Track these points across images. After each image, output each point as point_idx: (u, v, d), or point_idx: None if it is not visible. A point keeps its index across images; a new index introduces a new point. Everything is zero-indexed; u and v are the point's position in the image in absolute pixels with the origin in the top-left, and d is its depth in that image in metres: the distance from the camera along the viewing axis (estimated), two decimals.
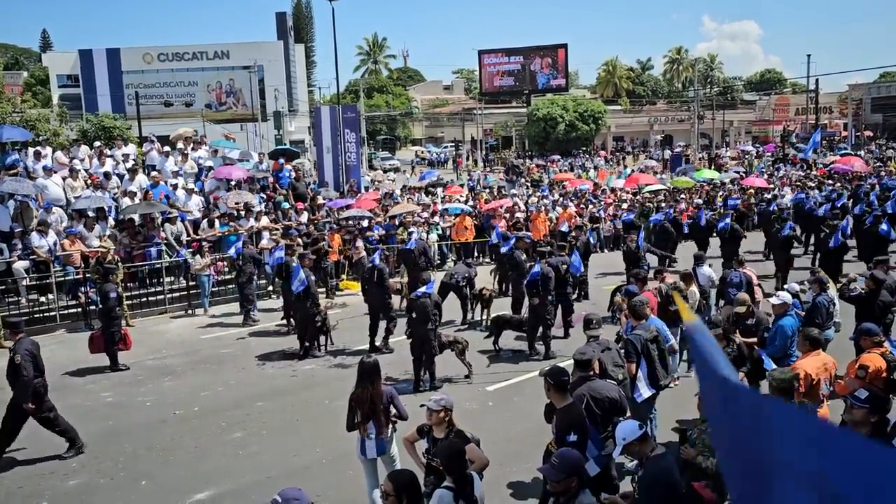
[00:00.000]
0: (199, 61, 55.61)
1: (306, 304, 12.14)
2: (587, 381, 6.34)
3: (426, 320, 10.29)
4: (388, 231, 19.14)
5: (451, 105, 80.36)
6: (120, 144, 21.88)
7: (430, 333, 10.33)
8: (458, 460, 4.68)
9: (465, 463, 4.77)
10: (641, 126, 68.51)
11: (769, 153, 48.72)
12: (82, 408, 10.26)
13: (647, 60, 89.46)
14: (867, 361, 6.87)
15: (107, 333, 11.75)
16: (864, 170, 31.89)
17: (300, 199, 20.03)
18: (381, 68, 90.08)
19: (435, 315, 10.47)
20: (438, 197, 25.71)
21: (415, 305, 10.53)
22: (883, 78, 68.68)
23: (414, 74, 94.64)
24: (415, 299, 10.57)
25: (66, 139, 30.09)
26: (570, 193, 26.41)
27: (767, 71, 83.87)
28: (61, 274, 14.60)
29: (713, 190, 28.29)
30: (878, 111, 61.74)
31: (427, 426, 5.63)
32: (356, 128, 27.54)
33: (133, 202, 16.89)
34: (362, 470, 6.70)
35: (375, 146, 62.70)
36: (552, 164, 46.53)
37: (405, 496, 4.32)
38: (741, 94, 76.98)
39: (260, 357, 12.37)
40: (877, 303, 9.39)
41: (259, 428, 9.30)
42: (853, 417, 5.03)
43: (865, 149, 46.47)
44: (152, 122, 36.69)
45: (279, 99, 54.19)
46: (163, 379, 11.45)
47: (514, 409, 9.46)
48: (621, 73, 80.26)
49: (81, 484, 7.88)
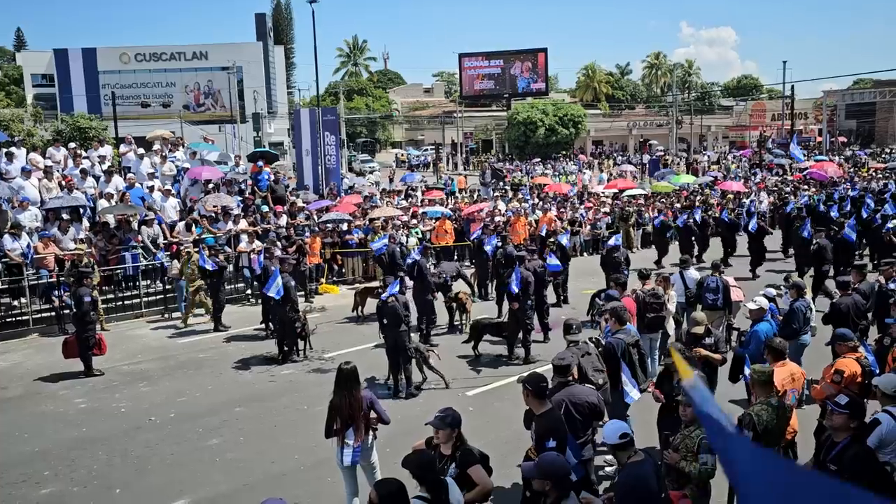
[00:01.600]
0: (177, 62, 55.16)
1: (285, 308, 12.04)
2: (566, 386, 6.35)
3: (398, 323, 10.23)
4: (367, 234, 19.07)
5: (431, 108, 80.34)
6: (96, 145, 21.58)
7: (403, 335, 10.27)
8: (429, 469, 4.65)
9: (435, 471, 4.74)
10: (620, 130, 68.98)
11: (746, 158, 49.32)
12: (55, 414, 10.10)
13: (626, 65, 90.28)
14: (842, 366, 6.96)
15: (81, 338, 11.55)
16: (837, 175, 32.55)
17: (279, 201, 19.89)
18: (361, 70, 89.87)
19: (406, 316, 10.39)
20: (417, 200, 25.66)
21: (384, 309, 10.47)
22: (856, 85, 69.84)
23: (394, 77, 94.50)
24: (384, 303, 10.52)
25: (41, 140, 29.70)
26: (550, 197, 26.47)
27: (744, 77, 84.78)
28: (34, 277, 14.36)
29: (692, 195, 28.54)
30: (852, 118, 62.76)
31: (435, 442, 5.48)
32: (336, 130, 27.41)
33: (109, 204, 16.66)
34: (341, 477, 6.64)
35: (355, 149, 62.47)
36: (534, 167, 46.66)
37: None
38: (718, 100, 77.83)
39: (238, 362, 12.24)
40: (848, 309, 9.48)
41: (237, 434, 9.20)
42: (833, 423, 5.08)
43: (840, 154, 47.15)
44: (129, 123, 36.31)
45: (258, 100, 53.86)
46: (138, 385, 11.29)
47: (494, 415, 9.45)
48: (600, 77, 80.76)
49: (54, 492, 7.74)
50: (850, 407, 5.05)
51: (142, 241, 16.01)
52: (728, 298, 11.13)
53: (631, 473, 4.73)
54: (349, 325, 14.71)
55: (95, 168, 18.88)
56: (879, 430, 5.43)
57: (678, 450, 5.50)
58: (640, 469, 4.74)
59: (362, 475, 6.63)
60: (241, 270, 16.67)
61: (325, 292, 17.45)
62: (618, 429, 4.90)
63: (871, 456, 5.04)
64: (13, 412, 10.25)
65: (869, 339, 9.37)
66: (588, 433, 6.25)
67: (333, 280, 18.40)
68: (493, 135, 67.64)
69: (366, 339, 13.09)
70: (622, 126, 69.09)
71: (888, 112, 58.15)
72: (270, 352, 12.50)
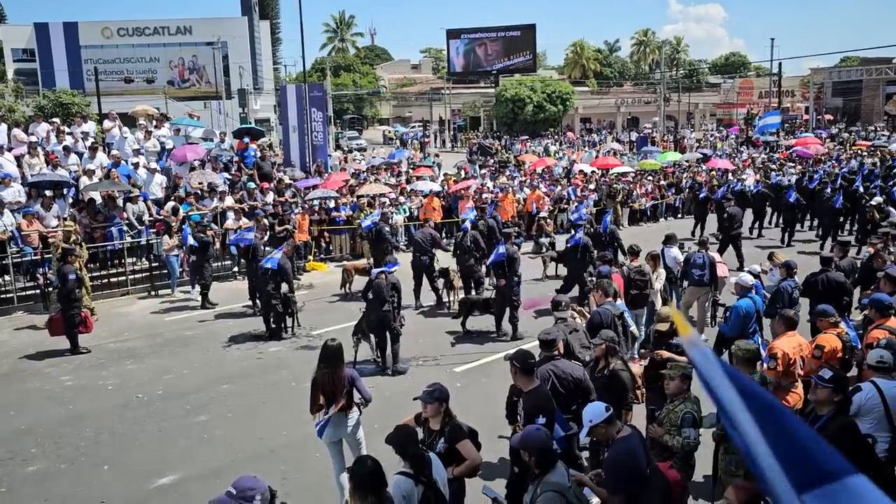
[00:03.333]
0: (161, 36, 54.25)
1: (271, 284, 11.96)
2: (551, 360, 6.39)
3: (381, 301, 10.23)
4: (354, 211, 19.01)
5: (418, 84, 79.79)
6: (79, 121, 21.29)
7: (388, 314, 10.27)
8: (410, 442, 4.67)
9: (417, 445, 4.76)
10: (609, 108, 68.83)
11: (733, 135, 49.43)
12: (42, 391, 10.07)
13: (614, 42, 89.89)
14: (823, 342, 7.04)
15: (66, 316, 11.49)
16: (820, 151, 32.95)
17: (265, 178, 19.75)
18: (347, 46, 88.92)
19: (392, 297, 10.40)
20: (403, 177, 25.54)
21: (371, 286, 10.52)
22: (843, 63, 69.87)
23: (381, 53, 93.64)
24: (372, 280, 10.55)
25: (23, 115, 29.25)
26: (539, 175, 26.45)
27: (732, 54, 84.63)
28: (18, 254, 14.22)
29: (680, 171, 28.63)
30: (839, 95, 62.80)
31: (424, 416, 5.50)
32: (323, 107, 27.17)
33: (92, 181, 16.47)
34: (327, 453, 6.68)
35: (342, 126, 61.99)
36: (522, 144, 46.53)
37: (367, 486, 4.18)
38: (706, 77, 77.73)
39: (225, 339, 12.22)
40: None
41: (224, 411, 9.21)
42: (817, 397, 5.17)
43: (827, 132, 47.32)
44: (112, 99, 35.80)
45: (244, 76, 53.18)
46: (125, 362, 11.25)
47: (482, 390, 9.51)
48: (589, 54, 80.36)
49: (41, 469, 7.73)
50: (834, 381, 5.13)
51: (127, 219, 15.87)
52: (714, 274, 11.21)
53: (621, 448, 4.76)
54: (337, 303, 14.71)
55: (79, 144, 18.64)
56: (859, 398, 5.53)
57: (662, 424, 5.56)
58: (628, 443, 4.77)
59: (349, 452, 6.66)
60: (227, 248, 16.58)
61: (313, 269, 17.41)
62: (600, 406, 4.93)
63: (855, 429, 5.13)
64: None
65: (852, 315, 9.48)
66: (573, 408, 6.30)
67: (321, 257, 18.36)
68: (482, 112, 67.30)
69: (353, 316, 13.06)
70: (610, 103, 68.94)
71: (874, 90, 58.18)
72: (258, 329, 12.49)
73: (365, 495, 4.13)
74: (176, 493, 7.21)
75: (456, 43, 65.00)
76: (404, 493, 4.37)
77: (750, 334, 8.24)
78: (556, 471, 4.46)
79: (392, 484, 4.38)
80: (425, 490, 4.44)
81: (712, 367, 1.36)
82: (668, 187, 25.71)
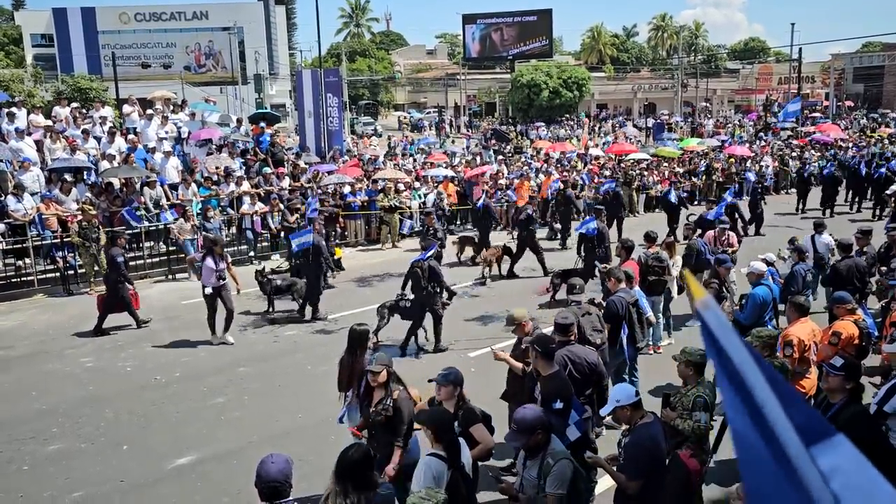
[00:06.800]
0: (177, 21, 54.47)
1: (315, 265, 12.24)
2: (566, 345, 6.39)
3: (418, 286, 10.51)
4: (370, 197, 19.05)
5: (434, 70, 79.40)
6: (98, 106, 21.44)
7: (428, 298, 10.50)
8: (448, 430, 4.68)
9: (454, 431, 4.77)
10: (625, 94, 68.23)
11: (751, 122, 48.83)
12: (62, 373, 10.23)
13: (632, 27, 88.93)
14: (840, 328, 7.01)
15: (118, 297, 11.89)
16: (840, 138, 32.56)
17: (278, 163, 19.80)
18: (363, 32, 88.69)
19: (430, 285, 10.53)
20: (419, 163, 25.52)
21: (410, 272, 10.80)
22: (865, 48, 68.76)
23: (397, 38, 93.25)
24: (411, 266, 10.85)
25: (42, 100, 29.49)
26: (554, 160, 26.33)
27: (751, 39, 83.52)
28: (38, 238, 14.40)
29: (697, 158, 28.36)
30: (860, 81, 61.93)
31: (438, 400, 5.51)
32: (339, 92, 27.15)
33: (111, 165, 16.61)
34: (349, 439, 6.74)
35: (357, 111, 61.92)
36: (536, 130, 46.26)
37: (347, 477, 4.02)
38: (725, 63, 76.75)
39: (242, 323, 12.33)
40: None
41: (240, 393, 9.32)
42: (829, 385, 5.11)
43: (847, 119, 46.67)
44: (129, 84, 35.91)
45: (259, 62, 53.33)
46: (143, 345, 11.40)
47: (496, 375, 9.51)
48: (606, 39, 79.59)
49: (62, 449, 7.88)
50: (846, 369, 5.07)
51: (144, 203, 16.01)
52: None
53: (643, 434, 4.73)
54: (353, 287, 14.79)
55: (97, 129, 18.78)
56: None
57: (675, 408, 5.56)
58: (650, 429, 4.75)
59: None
60: (243, 232, 16.68)
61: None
62: (630, 389, 4.93)
63: (868, 417, 5.09)
64: (20, 371, 10.39)
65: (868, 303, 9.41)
66: (587, 393, 6.31)
67: (337, 242, 18.42)
68: (497, 97, 66.93)
69: (368, 301, 13.15)
70: (627, 89, 68.33)
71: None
72: (274, 312, 12.60)
73: (345, 486, 3.95)
74: (193, 473, 7.32)
75: (471, 28, 64.36)
76: (435, 474, 4.39)
77: (765, 322, 8.21)
78: (554, 440, 4.52)
79: (423, 463, 4.45)
80: (453, 472, 4.48)
81: (725, 331, 1.37)
82: (684, 174, 25.52)
